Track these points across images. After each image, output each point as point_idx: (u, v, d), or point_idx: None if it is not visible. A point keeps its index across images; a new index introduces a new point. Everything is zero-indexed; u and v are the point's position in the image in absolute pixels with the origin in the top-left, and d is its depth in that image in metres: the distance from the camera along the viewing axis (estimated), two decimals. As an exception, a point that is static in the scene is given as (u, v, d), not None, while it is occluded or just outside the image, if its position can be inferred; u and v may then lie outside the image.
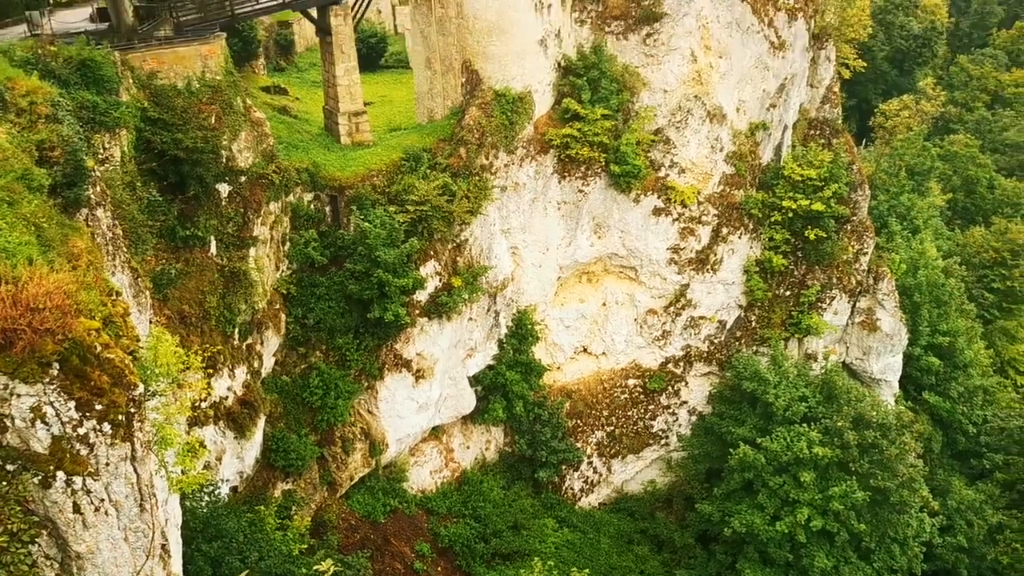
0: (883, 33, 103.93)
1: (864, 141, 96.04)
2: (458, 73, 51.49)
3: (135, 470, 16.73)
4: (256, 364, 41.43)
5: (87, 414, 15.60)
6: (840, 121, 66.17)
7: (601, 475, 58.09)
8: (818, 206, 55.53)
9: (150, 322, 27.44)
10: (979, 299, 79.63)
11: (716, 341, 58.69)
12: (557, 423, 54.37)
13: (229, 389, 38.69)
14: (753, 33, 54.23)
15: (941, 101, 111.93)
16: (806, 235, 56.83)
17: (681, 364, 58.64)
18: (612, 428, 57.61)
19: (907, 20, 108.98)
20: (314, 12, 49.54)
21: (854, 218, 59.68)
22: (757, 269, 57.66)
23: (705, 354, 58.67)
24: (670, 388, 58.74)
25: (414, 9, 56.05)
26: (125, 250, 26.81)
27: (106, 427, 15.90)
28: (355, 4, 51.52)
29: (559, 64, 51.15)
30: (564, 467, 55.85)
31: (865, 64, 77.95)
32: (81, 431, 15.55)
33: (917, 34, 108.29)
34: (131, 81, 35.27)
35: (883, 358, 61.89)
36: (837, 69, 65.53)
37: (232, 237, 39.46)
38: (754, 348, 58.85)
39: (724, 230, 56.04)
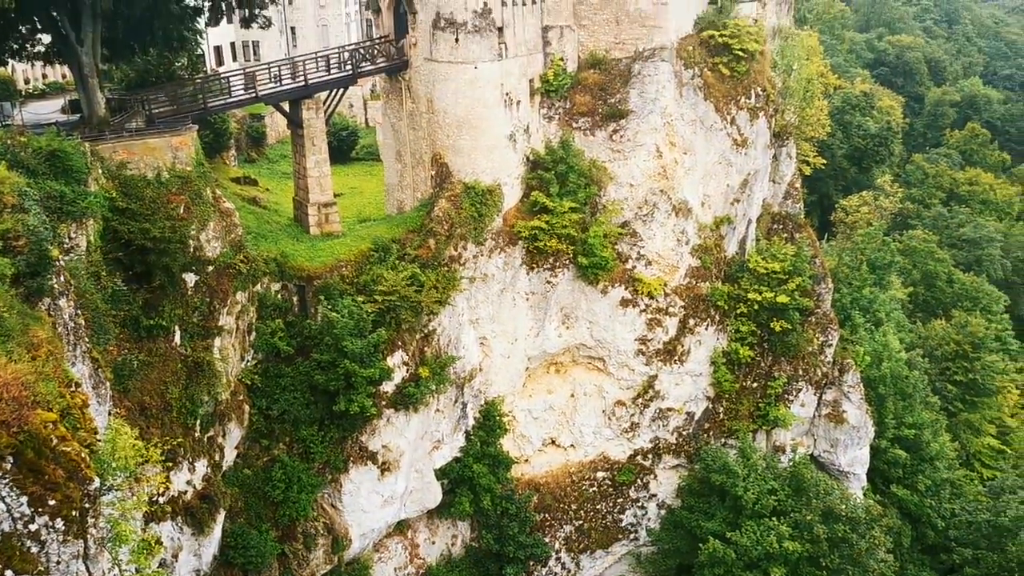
0: (841, 132, 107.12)
1: (826, 235, 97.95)
2: (428, 166, 52.25)
3: (87, 569, 16.13)
4: (217, 457, 40.51)
5: (39, 510, 15.10)
6: (802, 216, 67.68)
7: (570, 571, 56.87)
8: (783, 298, 56.26)
9: (109, 414, 26.87)
10: (942, 392, 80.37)
11: (684, 433, 58.47)
12: (525, 517, 53.46)
13: (188, 483, 37.70)
14: (716, 130, 55.73)
15: (899, 198, 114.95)
16: (772, 327, 57.41)
17: (650, 456, 58.22)
18: (581, 522, 56.71)
19: (864, 120, 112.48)
20: (286, 105, 50.30)
21: (818, 311, 60.47)
22: (724, 360, 57.95)
23: (674, 446, 58.36)
24: (639, 481, 58.17)
25: (385, 104, 57.15)
26: (87, 340, 26.41)
27: (59, 523, 15.38)
28: (327, 98, 52.42)
29: (528, 158, 52.09)
30: (532, 563, 54.66)
31: (825, 161, 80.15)
32: (32, 527, 15.01)
33: (874, 133, 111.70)
34: (100, 171, 35.33)
35: (850, 450, 61.90)
36: (798, 166, 67.36)
37: (197, 327, 39.05)
38: (722, 440, 58.68)
39: (691, 321, 56.45)
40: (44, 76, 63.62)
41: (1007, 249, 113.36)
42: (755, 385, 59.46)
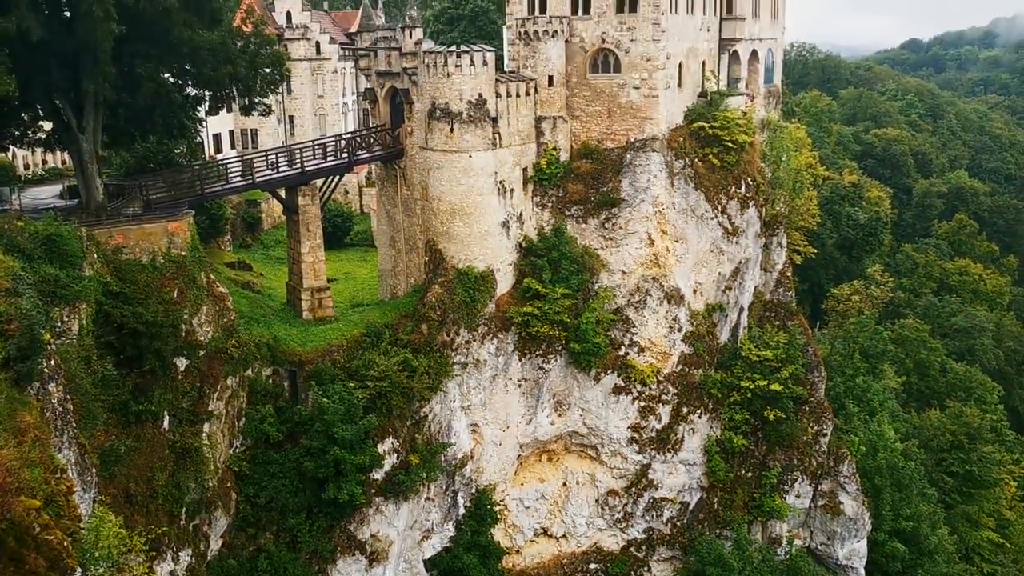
0: (831, 222, 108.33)
1: (818, 324, 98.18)
2: (421, 252, 52.65)
3: (63, 664, 15.65)
4: (202, 546, 39.67)
5: (17, 601, 14.73)
6: (794, 304, 67.98)
7: (562, 667, 55.26)
8: (776, 386, 56.10)
9: (94, 501, 26.40)
10: (939, 483, 79.43)
11: (679, 524, 57.52)
12: (516, 610, 52.15)
13: (172, 573, 36.82)
14: (707, 219, 56.40)
15: (890, 287, 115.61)
16: (765, 415, 57.08)
17: (643, 548, 57.14)
18: (573, 616, 55.32)
19: (853, 210, 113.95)
20: (283, 192, 50.89)
21: (812, 399, 60.25)
22: (718, 449, 57.41)
23: (668, 537, 57.34)
24: (633, 573, 56.92)
25: (380, 191, 57.97)
26: (75, 425, 26.13)
27: (36, 616, 14.99)
28: (323, 185, 53.11)
29: (521, 245, 52.53)
30: (523, 659, 53.15)
31: (815, 250, 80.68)
32: (9, 620, 14.62)
33: (863, 223, 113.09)
34: (95, 256, 35.52)
35: (848, 543, 60.89)
36: (789, 254, 67.98)
37: (186, 412, 38.73)
38: (717, 531, 57.70)
39: (684, 409, 56.13)
40: (44, 162, 64.42)
41: (999, 339, 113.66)
42: (749, 475, 58.79)
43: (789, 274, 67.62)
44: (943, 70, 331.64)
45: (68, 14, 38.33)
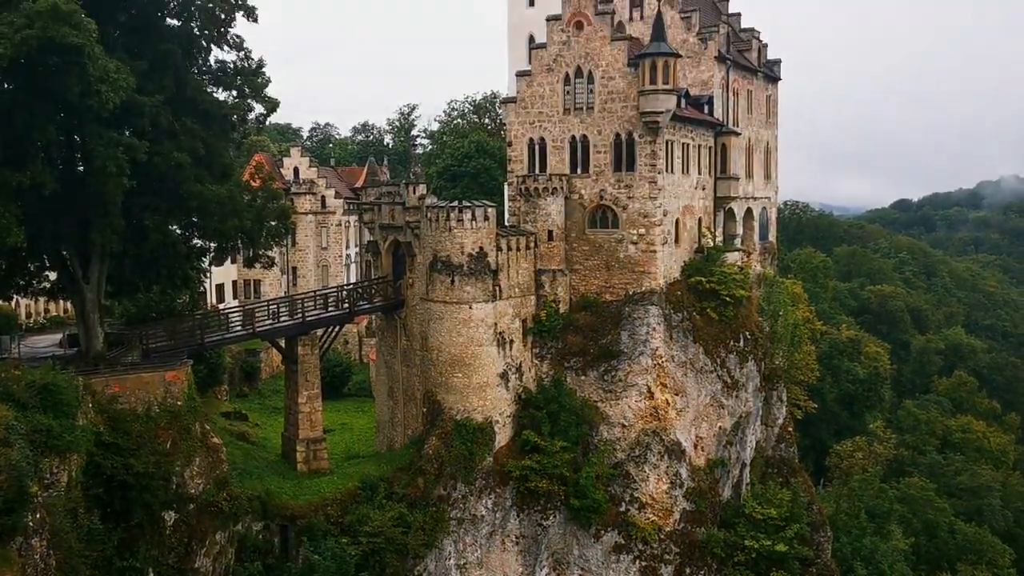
0: (831, 376, 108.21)
1: (821, 481, 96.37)
2: (420, 403, 52.30)
3: None
4: None
5: None
6: (796, 460, 66.91)
7: None
8: (781, 547, 54.37)
9: (69, 665, 25.17)
10: (958, 654, 75.97)
11: None
12: None
13: None
14: (707, 372, 56.29)
15: (892, 443, 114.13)
16: (772, 578, 55.11)
17: None
18: None
19: (852, 365, 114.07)
20: (283, 342, 51.01)
21: (818, 560, 58.33)
22: (723, 613, 55.17)
23: None
24: None
25: (380, 341, 58.19)
26: (55, 582, 25.23)
27: None
28: (323, 335, 53.28)
29: (519, 396, 52.22)
30: None
31: (816, 405, 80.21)
32: None
33: (863, 378, 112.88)
34: (90, 405, 35.24)
35: None
36: (790, 409, 67.46)
37: (171, 569, 37.51)
38: None
39: (687, 569, 54.21)
40: (47, 311, 64.84)
41: (1007, 499, 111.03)
42: (757, 641, 56.19)
43: (791, 429, 66.93)
44: (933, 229, 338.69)
45: (81, 169, 39.39)
